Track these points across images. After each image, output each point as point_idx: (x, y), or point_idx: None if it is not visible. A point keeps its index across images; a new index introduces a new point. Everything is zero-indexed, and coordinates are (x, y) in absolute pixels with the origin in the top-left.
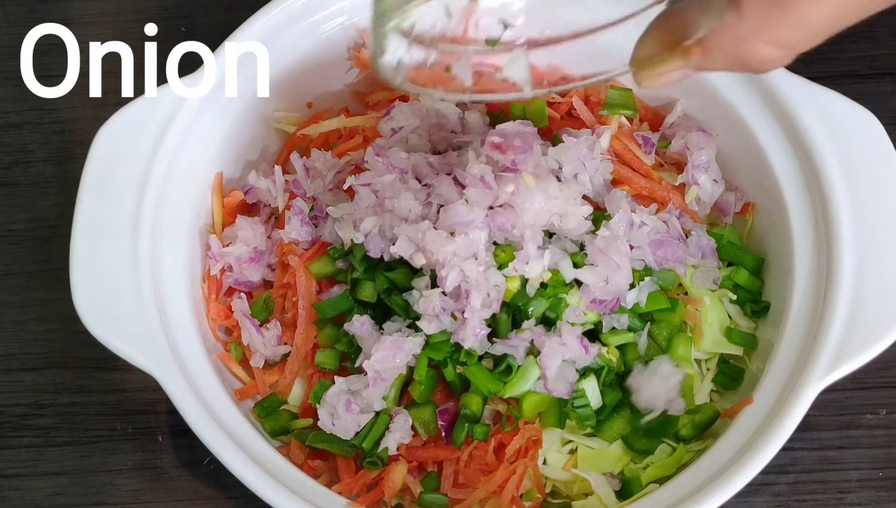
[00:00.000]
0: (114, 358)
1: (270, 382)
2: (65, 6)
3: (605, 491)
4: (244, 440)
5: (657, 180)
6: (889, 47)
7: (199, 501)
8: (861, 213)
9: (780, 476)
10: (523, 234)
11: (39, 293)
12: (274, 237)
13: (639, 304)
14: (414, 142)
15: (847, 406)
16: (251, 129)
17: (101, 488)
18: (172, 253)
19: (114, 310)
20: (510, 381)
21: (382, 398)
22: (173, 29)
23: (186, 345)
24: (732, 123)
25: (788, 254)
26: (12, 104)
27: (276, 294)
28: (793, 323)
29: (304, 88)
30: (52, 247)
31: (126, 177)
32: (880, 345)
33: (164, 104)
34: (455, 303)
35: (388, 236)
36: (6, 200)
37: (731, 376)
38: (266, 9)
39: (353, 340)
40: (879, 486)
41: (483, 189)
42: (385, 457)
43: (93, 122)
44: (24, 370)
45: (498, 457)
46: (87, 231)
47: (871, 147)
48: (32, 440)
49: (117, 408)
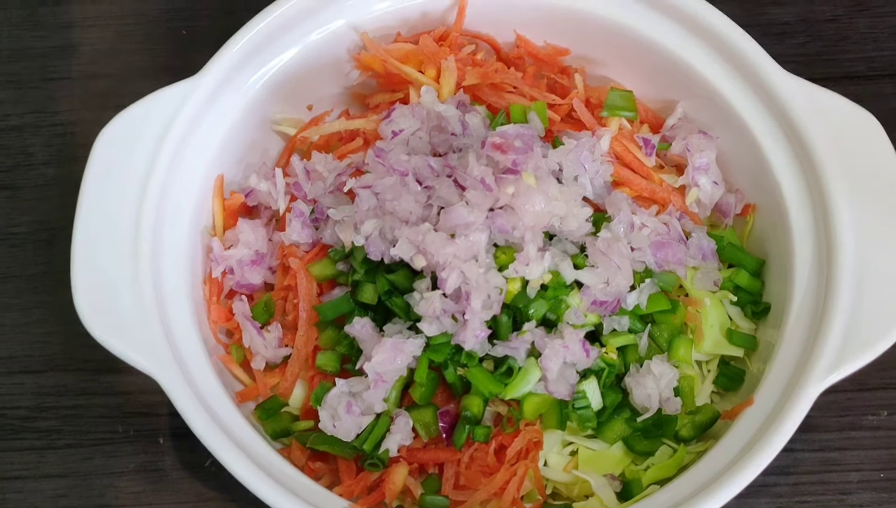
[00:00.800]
0: (115, 361)
1: (271, 384)
2: (66, 9)
3: (606, 493)
4: (245, 442)
5: (657, 182)
6: (889, 48)
7: (201, 503)
8: (861, 214)
9: (781, 477)
10: (524, 235)
11: (41, 296)
12: (275, 240)
13: (639, 306)
14: (414, 144)
15: (848, 408)
16: (251, 131)
17: (103, 490)
18: (173, 256)
19: (115, 313)
20: (511, 383)
21: (383, 400)
22: (174, 31)
23: (187, 347)
24: (733, 124)
25: (788, 255)
26: (14, 107)
27: (276, 297)
28: (793, 324)
29: (305, 90)
30: (54, 250)
31: (127, 180)
32: (881, 346)
33: (165, 107)
34: (455, 305)
35: (388, 238)
36: (8, 202)
37: (732, 377)
38: (266, 11)
39: (354, 342)
40: (881, 487)
41: (483, 191)
42: (386, 459)
43: (94, 124)
44: (25, 373)
45: (499, 459)
46: (88, 234)
47: (871, 148)
48: (34, 442)
49: (119, 411)
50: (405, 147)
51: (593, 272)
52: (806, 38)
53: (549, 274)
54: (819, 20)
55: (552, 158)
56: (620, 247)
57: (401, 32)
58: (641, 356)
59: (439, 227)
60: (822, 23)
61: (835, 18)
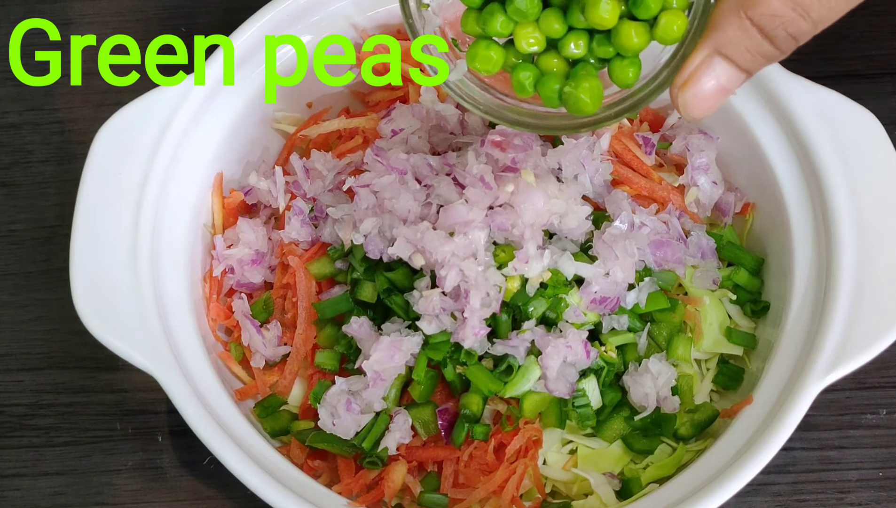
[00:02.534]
0: (114, 358)
1: (270, 382)
2: (64, 6)
3: (605, 491)
4: (244, 440)
5: (657, 181)
6: (889, 47)
7: (199, 501)
8: (861, 213)
9: (780, 475)
10: (523, 233)
11: (39, 293)
12: (274, 238)
13: (638, 305)
14: (414, 143)
15: (847, 406)
16: (251, 129)
17: (101, 488)
18: (172, 254)
19: (114, 310)
20: (511, 381)
21: (382, 399)
22: (173, 29)
23: (186, 345)
24: (732, 122)
25: (788, 254)
26: (12, 104)
27: (276, 295)
28: (792, 323)
29: (304, 88)
30: (52, 247)
31: (126, 177)
32: (880, 345)
33: (164, 104)
34: (454, 303)
35: (387, 236)
36: (6, 200)
37: (731, 376)
38: (266, 9)
39: (353, 341)
40: (879, 486)
41: (483, 189)
42: (385, 457)
43: (92, 122)
44: (24, 370)
45: (498, 457)
46: (86, 231)
47: (871, 147)
48: (32, 440)
49: (117, 408)
50: (404, 146)
51: (595, 266)
52: None
53: (548, 273)
54: None
55: (552, 156)
56: (627, 245)
57: (400, 31)
58: (640, 354)
59: (438, 225)
60: None
61: None
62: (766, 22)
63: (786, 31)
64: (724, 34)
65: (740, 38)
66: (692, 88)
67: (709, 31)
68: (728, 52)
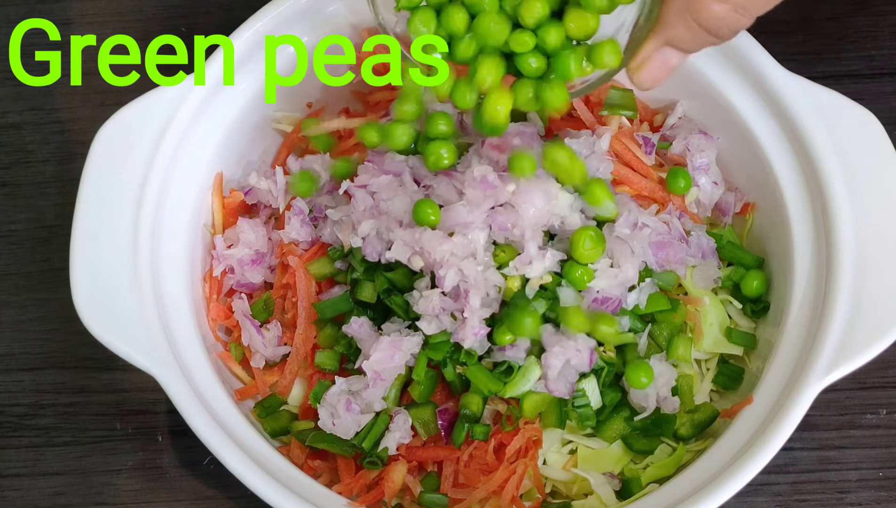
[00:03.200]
0: (114, 358)
1: (270, 382)
2: (65, 6)
3: (605, 491)
4: (244, 440)
5: (657, 181)
6: (889, 47)
7: (199, 501)
8: (861, 213)
9: (780, 475)
10: (524, 233)
11: (39, 293)
12: (274, 238)
13: (639, 305)
14: None
15: (847, 406)
16: (251, 129)
17: (101, 488)
18: (172, 254)
19: (114, 310)
20: (511, 381)
21: (382, 399)
22: (173, 29)
23: (186, 345)
24: (732, 123)
25: (788, 254)
26: (12, 104)
27: (276, 295)
28: (793, 323)
29: (304, 88)
30: (52, 247)
31: (126, 177)
32: (880, 345)
33: (164, 104)
34: (454, 303)
35: (385, 238)
36: (6, 200)
37: (731, 376)
38: (266, 9)
39: (353, 341)
40: (879, 486)
41: (482, 190)
42: (385, 457)
43: (92, 122)
44: (24, 370)
45: (498, 457)
46: (86, 231)
47: (871, 147)
48: (32, 440)
49: (117, 408)
50: None
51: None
52: (806, 37)
53: (548, 275)
54: (819, 18)
55: None
56: (629, 245)
57: None
58: (641, 355)
59: (438, 226)
60: (822, 21)
61: (835, 17)
62: (711, 24)
63: (729, 29)
64: (674, 31)
65: (688, 34)
66: (647, 70)
67: (658, 27)
68: (677, 43)
